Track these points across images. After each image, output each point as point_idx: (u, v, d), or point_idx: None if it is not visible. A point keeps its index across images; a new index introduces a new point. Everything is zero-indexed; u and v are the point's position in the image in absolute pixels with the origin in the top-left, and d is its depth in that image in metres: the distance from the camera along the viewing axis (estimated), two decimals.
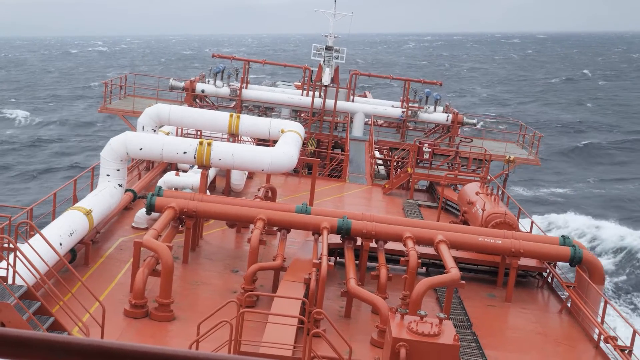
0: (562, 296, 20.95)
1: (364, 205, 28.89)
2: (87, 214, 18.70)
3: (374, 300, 16.05)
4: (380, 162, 39.73)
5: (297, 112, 41.83)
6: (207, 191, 23.45)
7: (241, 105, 40.22)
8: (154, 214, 20.44)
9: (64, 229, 17.40)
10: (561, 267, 22.45)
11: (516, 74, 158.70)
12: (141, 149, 21.15)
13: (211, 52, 50.98)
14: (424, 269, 20.88)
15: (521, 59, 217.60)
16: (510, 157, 30.57)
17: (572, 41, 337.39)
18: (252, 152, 22.06)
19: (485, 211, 22.68)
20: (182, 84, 40.62)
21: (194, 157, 21.26)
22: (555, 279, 21.55)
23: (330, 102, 39.39)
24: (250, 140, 30.24)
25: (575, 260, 19.74)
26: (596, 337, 17.78)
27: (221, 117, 26.48)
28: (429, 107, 40.59)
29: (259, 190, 23.88)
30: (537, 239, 20.80)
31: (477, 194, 24.37)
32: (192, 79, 41.74)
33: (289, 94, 42.30)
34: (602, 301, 18.42)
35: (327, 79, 40.40)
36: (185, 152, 21.26)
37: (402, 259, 18.44)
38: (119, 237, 21.73)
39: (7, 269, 13.28)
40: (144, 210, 21.52)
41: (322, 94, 39.63)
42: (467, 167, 31.66)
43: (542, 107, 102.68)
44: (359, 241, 19.62)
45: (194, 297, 17.79)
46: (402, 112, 40.76)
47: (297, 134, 24.83)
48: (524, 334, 18.10)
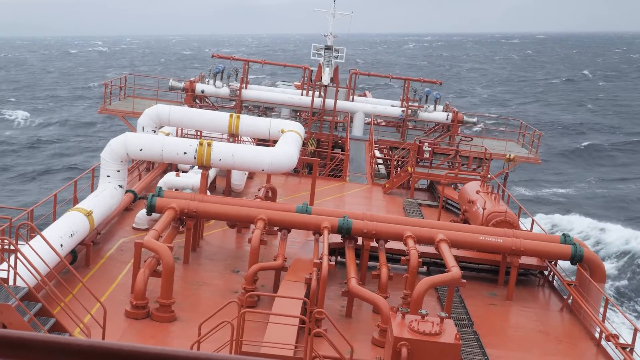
0: (564, 295, 20.95)
1: (364, 204, 28.89)
2: (88, 215, 18.71)
3: (375, 299, 16.05)
4: (380, 161, 39.74)
5: (297, 112, 41.83)
6: (208, 192, 23.46)
7: (241, 105, 40.23)
8: (155, 215, 20.43)
9: (65, 230, 17.41)
10: (562, 265, 22.42)
11: (516, 75, 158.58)
12: (141, 150, 21.15)
13: (211, 52, 50.98)
14: (424, 268, 20.90)
15: (521, 59, 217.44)
16: (510, 155, 30.60)
17: (572, 41, 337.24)
18: (252, 152, 22.05)
19: (485, 210, 22.68)
20: (181, 85, 40.61)
21: (194, 158, 21.26)
22: (556, 277, 21.55)
23: (330, 102, 39.40)
24: (250, 140, 30.25)
25: (576, 258, 19.74)
26: (597, 335, 17.78)
27: (221, 118, 26.48)
28: (428, 106, 40.59)
29: (259, 190, 23.86)
30: (537, 237, 20.79)
31: (477, 192, 24.37)
32: (191, 79, 41.75)
33: (289, 94, 42.30)
34: (603, 299, 18.42)
35: (326, 79, 40.38)
36: (185, 153, 21.26)
37: (403, 258, 18.43)
38: (119, 238, 21.73)
39: (8, 271, 13.29)
40: (144, 211, 21.51)
41: (322, 93, 39.63)
42: (468, 166, 31.65)
43: (542, 108, 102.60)
44: (360, 241, 19.62)
45: (195, 298, 17.79)
46: (402, 111, 40.76)
47: (297, 133, 24.83)
48: (525, 333, 18.09)
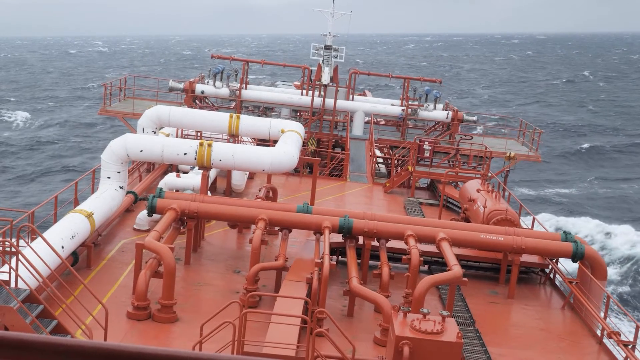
0: (565, 292, 20.94)
1: (365, 203, 28.90)
2: (89, 216, 18.71)
3: (376, 298, 16.05)
4: (380, 160, 39.73)
5: (297, 112, 41.81)
6: (208, 192, 23.46)
7: (241, 105, 40.22)
8: (156, 216, 20.44)
9: (66, 232, 17.41)
10: (563, 263, 22.41)
11: (516, 75, 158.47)
12: (141, 151, 21.15)
13: (210, 52, 50.92)
14: (426, 267, 20.91)
15: (521, 60, 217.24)
16: (511, 153, 30.57)
17: (572, 42, 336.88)
18: (252, 152, 22.05)
19: (486, 208, 22.67)
20: (181, 86, 40.59)
21: (195, 159, 21.26)
22: (557, 275, 21.54)
23: (330, 102, 39.39)
24: (250, 140, 30.24)
25: (577, 256, 19.73)
26: (599, 332, 17.77)
27: (221, 118, 26.47)
28: (428, 105, 40.55)
29: (260, 190, 23.86)
30: (538, 235, 20.78)
31: (478, 191, 24.37)
32: (191, 80, 41.74)
33: (289, 94, 42.28)
34: (605, 296, 18.40)
35: (326, 78, 40.36)
36: (185, 154, 21.25)
37: (404, 257, 18.42)
38: (120, 239, 21.74)
39: (10, 273, 13.29)
40: (145, 212, 21.52)
41: (322, 93, 39.62)
42: (468, 165, 31.65)
43: (543, 109, 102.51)
44: (361, 240, 19.63)
45: (196, 299, 17.79)
46: (402, 110, 40.74)
47: (297, 133, 24.82)
48: (527, 331, 18.09)
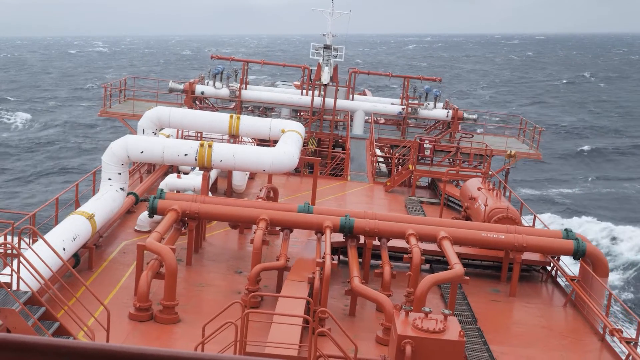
0: (567, 290, 20.93)
1: (366, 203, 28.90)
2: (90, 218, 18.72)
3: (378, 298, 16.05)
4: (381, 159, 39.72)
5: (297, 112, 41.81)
6: (209, 193, 23.46)
7: (241, 106, 40.23)
8: (157, 217, 20.44)
9: (67, 234, 17.42)
10: (564, 260, 22.40)
11: (517, 76, 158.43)
12: (142, 152, 21.15)
13: (210, 53, 50.94)
14: (427, 266, 20.89)
15: (521, 60, 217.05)
16: (511, 152, 30.58)
17: (572, 42, 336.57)
18: (253, 152, 22.05)
19: (487, 206, 22.67)
20: (181, 86, 40.60)
21: (195, 159, 21.26)
22: (559, 273, 21.53)
23: (330, 101, 39.38)
24: (250, 140, 30.25)
25: (578, 253, 19.73)
26: (601, 329, 17.77)
27: (221, 119, 26.47)
28: (428, 104, 40.54)
29: (260, 190, 23.86)
30: (540, 233, 20.77)
31: (479, 189, 24.36)
32: (191, 80, 41.74)
33: (289, 94, 42.28)
34: (607, 294, 18.39)
35: (326, 78, 40.35)
36: (186, 154, 21.25)
37: (405, 256, 18.42)
38: (122, 240, 21.74)
39: (11, 275, 13.29)
40: (146, 213, 21.53)
41: (322, 93, 39.62)
42: (469, 163, 31.65)
43: (543, 110, 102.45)
44: (362, 239, 19.63)
45: (198, 299, 17.80)
46: (402, 109, 40.73)
47: (297, 133, 24.82)
48: (529, 328, 18.08)
